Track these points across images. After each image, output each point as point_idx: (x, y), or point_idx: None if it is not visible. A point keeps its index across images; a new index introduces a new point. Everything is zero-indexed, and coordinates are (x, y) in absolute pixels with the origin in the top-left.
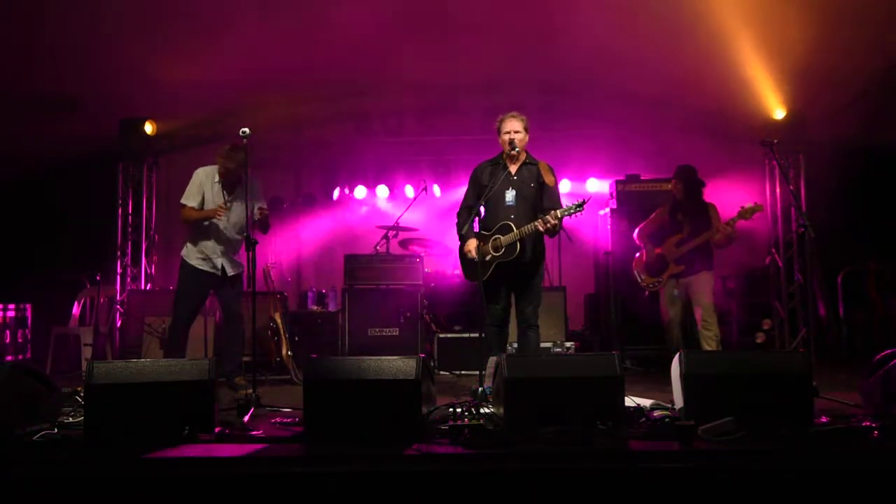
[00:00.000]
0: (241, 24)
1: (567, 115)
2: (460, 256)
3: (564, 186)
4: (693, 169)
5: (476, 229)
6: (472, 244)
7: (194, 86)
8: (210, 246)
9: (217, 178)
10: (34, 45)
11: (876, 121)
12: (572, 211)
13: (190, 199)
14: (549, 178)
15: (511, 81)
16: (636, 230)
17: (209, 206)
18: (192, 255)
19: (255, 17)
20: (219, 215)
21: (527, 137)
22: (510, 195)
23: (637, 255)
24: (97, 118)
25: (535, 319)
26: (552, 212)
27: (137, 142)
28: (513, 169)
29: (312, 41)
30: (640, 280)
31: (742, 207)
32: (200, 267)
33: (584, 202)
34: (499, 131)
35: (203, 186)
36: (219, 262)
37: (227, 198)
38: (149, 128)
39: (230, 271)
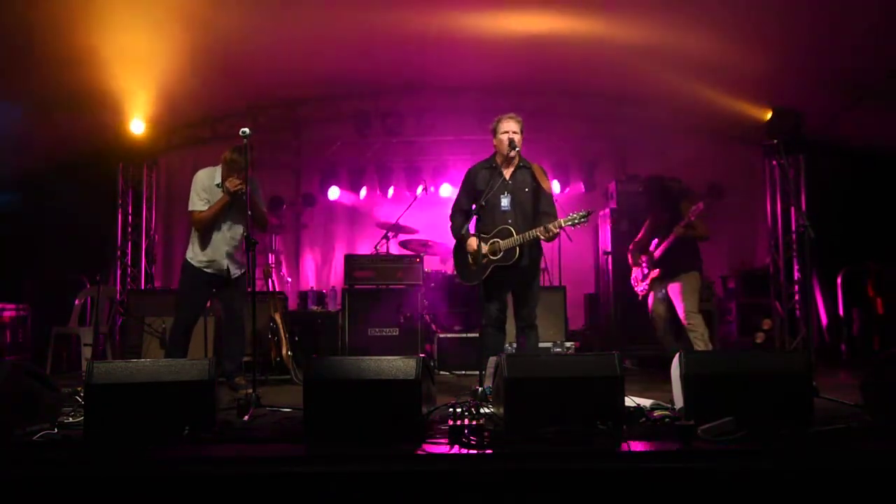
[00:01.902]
0: (242, 24)
1: (566, 116)
2: (455, 258)
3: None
4: (656, 179)
5: (472, 232)
6: (473, 241)
7: (194, 86)
8: (214, 248)
9: (217, 180)
10: (33, 45)
11: (875, 122)
12: (577, 221)
13: (198, 205)
14: (545, 183)
15: (510, 82)
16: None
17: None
18: (195, 257)
19: (256, 17)
20: (230, 192)
21: (522, 139)
22: (506, 201)
23: (632, 272)
24: (97, 118)
25: (533, 319)
26: (556, 221)
27: (136, 142)
28: (507, 173)
29: (313, 42)
30: (637, 292)
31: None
32: (204, 269)
33: (588, 213)
34: (495, 132)
35: (205, 189)
36: (224, 263)
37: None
38: (140, 126)
39: (234, 272)
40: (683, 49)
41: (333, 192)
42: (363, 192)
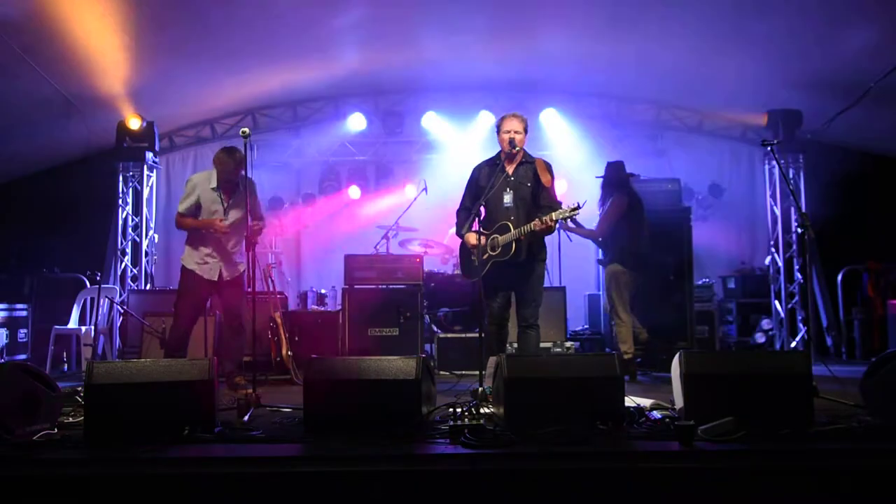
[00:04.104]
0: (241, 25)
1: (567, 115)
2: (460, 254)
3: (562, 186)
4: (613, 165)
5: (476, 229)
6: (472, 236)
7: (194, 86)
8: (208, 250)
9: (213, 184)
10: (34, 44)
11: (875, 122)
12: (567, 214)
13: (184, 207)
14: (545, 178)
15: (510, 81)
16: None
17: (206, 211)
18: (190, 259)
19: (255, 17)
20: (217, 229)
21: (525, 138)
22: (508, 197)
23: None
24: (97, 118)
25: (534, 319)
26: (549, 214)
27: (136, 141)
28: (510, 169)
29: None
30: None
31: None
32: (199, 272)
33: (579, 206)
34: (498, 130)
35: (198, 192)
36: (217, 266)
37: (225, 203)
38: (135, 123)
39: (228, 276)
40: (682, 51)
41: (334, 192)
42: (363, 192)
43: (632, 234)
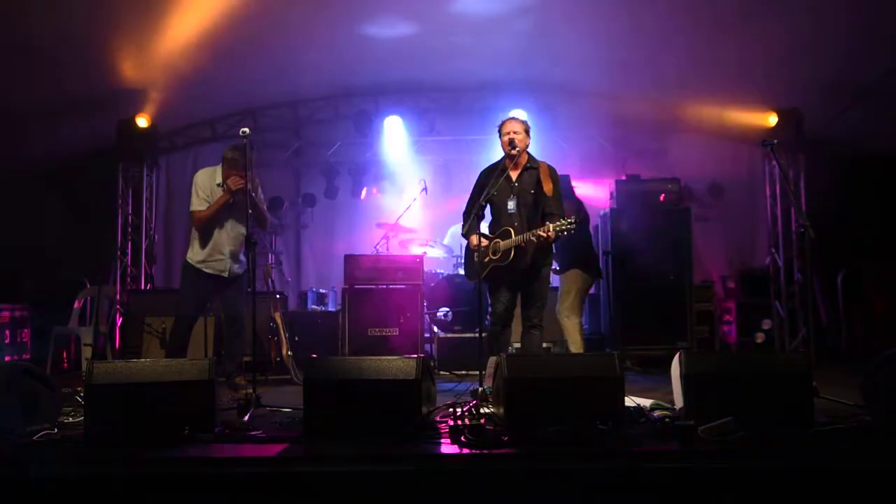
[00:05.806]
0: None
1: (567, 115)
2: (465, 256)
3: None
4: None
5: (480, 232)
6: (475, 239)
7: (194, 86)
8: (217, 247)
9: (218, 180)
10: (34, 44)
11: (875, 122)
12: (566, 227)
13: (197, 204)
14: (547, 185)
15: (509, 81)
16: None
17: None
18: (196, 257)
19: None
20: (231, 185)
21: (528, 139)
22: (511, 204)
23: None
24: (96, 118)
25: (538, 319)
26: (547, 226)
27: (136, 142)
28: (514, 175)
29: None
30: None
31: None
32: (204, 269)
33: (574, 221)
34: (500, 132)
35: (205, 188)
36: (226, 263)
37: (230, 200)
38: (143, 122)
39: (236, 271)
40: (683, 50)
41: (334, 192)
42: (363, 192)
43: (587, 242)
